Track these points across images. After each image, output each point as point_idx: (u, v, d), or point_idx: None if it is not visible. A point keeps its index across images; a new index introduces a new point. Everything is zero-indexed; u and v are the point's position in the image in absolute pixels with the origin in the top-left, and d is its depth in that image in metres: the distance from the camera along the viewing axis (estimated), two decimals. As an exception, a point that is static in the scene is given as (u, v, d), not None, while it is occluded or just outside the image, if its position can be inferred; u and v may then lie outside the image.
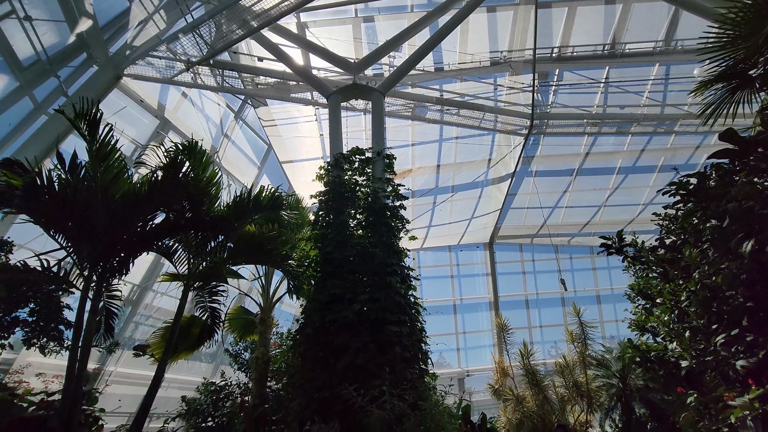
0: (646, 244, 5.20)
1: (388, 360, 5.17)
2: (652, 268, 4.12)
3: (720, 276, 3.25)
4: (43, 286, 3.63)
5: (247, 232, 7.13)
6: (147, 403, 5.94)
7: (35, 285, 3.53)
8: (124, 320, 10.90)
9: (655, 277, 4.27)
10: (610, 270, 19.75)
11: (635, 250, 4.20)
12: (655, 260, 3.91)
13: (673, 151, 15.58)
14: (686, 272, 3.63)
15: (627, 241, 4.23)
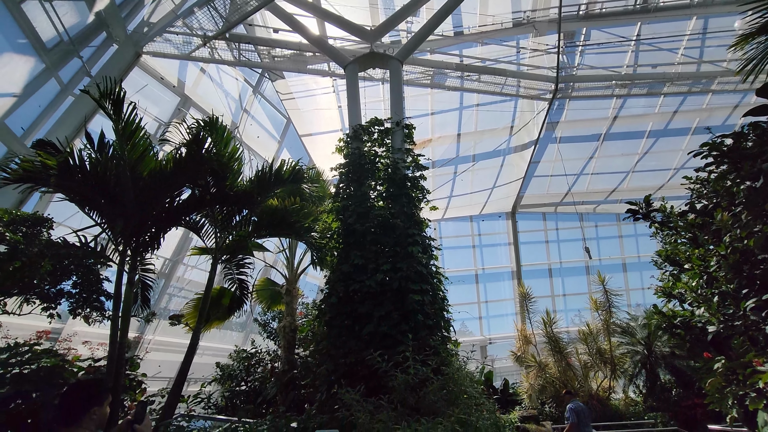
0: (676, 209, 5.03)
1: (411, 327, 5.30)
2: (680, 234, 3.99)
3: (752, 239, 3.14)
4: (83, 261, 3.84)
5: (269, 206, 7.27)
6: (185, 368, 6.32)
7: (76, 259, 3.75)
8: (158, 292, 11.45)
9: (683, 243, 4.14)
10: (638, 237, 19.28)
11: (663, 215, 4.07)
12: (685, 225, 3.78)
13: (709, 112, 14.74)
14: (717, 236, 3.51)
15: (655, 207, 4.10)
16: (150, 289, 7.94)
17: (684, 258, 3.99)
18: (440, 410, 4.16)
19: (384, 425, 3.76)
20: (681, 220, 3.87)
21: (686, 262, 3.95)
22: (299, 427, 5.01)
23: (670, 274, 4.25)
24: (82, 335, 8.46)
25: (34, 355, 5.57)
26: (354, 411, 4.05)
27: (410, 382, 4.34)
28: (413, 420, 3.92)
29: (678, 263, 4.15)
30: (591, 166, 16.92)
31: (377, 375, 5.05)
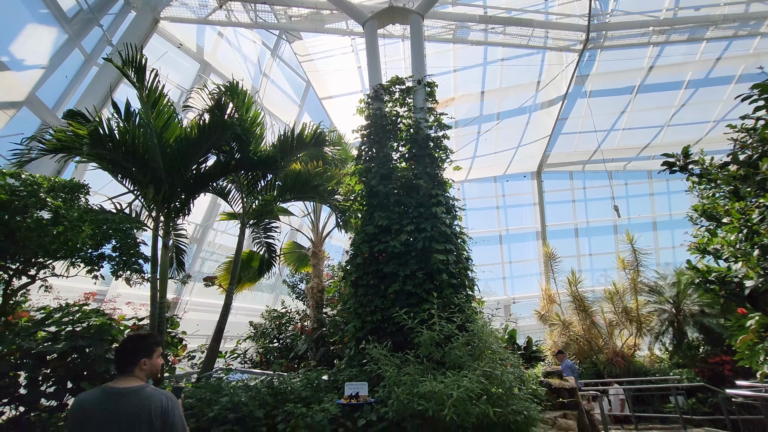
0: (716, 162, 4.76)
1: (435, 286, 5.39)
2: (720, 187, 3.80)
3: (799, 191, 2.96)
4: (120, 226, 4.03)
5: (293, 170, 7.35)
6: (221, 325, 6.69)
7: (113, 224, 3.94)
8: (191, 257, 11.97)
9: (722, 196, 3.95)
10: (670, 195, 18.56)
11: (702, 168, 3.87)
12: (725, 177, 3.59)
13: (757, 57, 13.58)
14: (761, 187, 3.32)
15: (693, 159, 3.89)
16: (184, 253, 8.30)
17: (723, 212, 3.81)
18: (465, 364, 4.28)
19: (411, 378, 3.92)
20: (721, 172, 3.67)
21: (725, 216, 3.78)
22: (330, 379, 5.29)
23: (706, 229, 4.09)
24: (126, 296, 9.02)
25: (84, 315, 6.00)
26: (382, 365, 4.23)
27: (436, 338, 4.46)
28: (439, 373, 4.07)
29: (715, 218, 3.98)
30: (622, 121, 16.10)
31: (403, 332, 5.21)
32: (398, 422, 3.84)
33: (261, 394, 4.50)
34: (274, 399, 4.42)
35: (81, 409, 2.13)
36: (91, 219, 3.74)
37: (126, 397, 2.20)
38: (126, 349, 2.33)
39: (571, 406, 8.17)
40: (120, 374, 2.29)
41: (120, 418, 2.14)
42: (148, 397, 2.24)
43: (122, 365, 2.30)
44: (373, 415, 4.04)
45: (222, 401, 4.22)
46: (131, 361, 2.30)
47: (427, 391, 3.61)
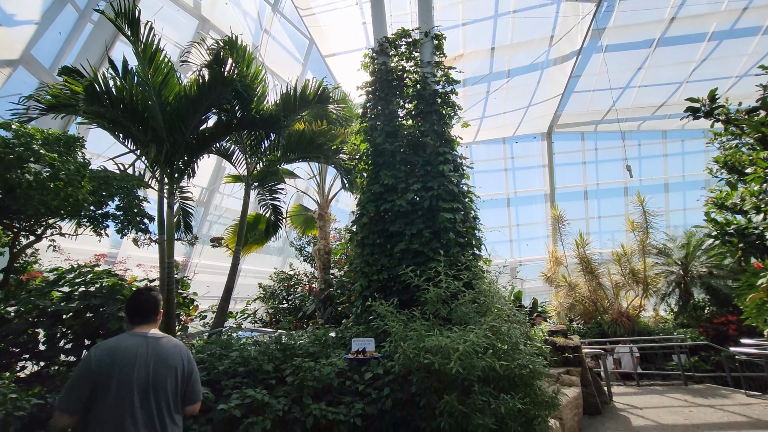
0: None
1: (442, 245, 5.34)
2: (745, 134, 3.59)
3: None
4: (123, 184, 3.98)
5: (296, 130, 7.18)
6: (230, 285, 6.77)
7: (115, 181, 3.89)
8: (199, 220, 12.04)
9: (748, 143, 3.75)
10: (684, 156, 18.07)
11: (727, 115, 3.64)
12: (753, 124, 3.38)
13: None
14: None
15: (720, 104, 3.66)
16: (191, 215, 8.32)
17: (747, 162, 3.63)
18: (472, 321, 4.29)
19: (417, 333, 3.94)
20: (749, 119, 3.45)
21: (749, 166, 3.60)
22: (337, 336, 5.38)
23: (726, 182, 3.92)
24: (136, 258, 9.15)
25: (96, 275, 6.11)
26: (388, 321, 4.25)
27: (442, 295, 4.45)
28: (445, 329, 4.08)
29: (737, 170, 3.80)
30: (639, 78, 15.41)
31: (409, 290, 5.22)
32: (404, 375, 3.90)
33: (270, 350, 4.58)
34: (283, 354, 4.50)
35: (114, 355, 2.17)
36: (92, 176, 3.68)
37: (162, 341, 2.34)
38: (149, 300, 2.41)
39: (575, 363, 8.32)
40: (144, 323, 2.38)
41: (157, 361, 2.25)
42: (178, 345, 2.42)
43: (147, 314, 2.38)
44: (379, 368, 4.11)
45: (232, 356, 4.31)
46: (155, 311, 2.41)
47: (433, 345, 3.63)
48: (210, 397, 3.71)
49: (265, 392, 3.73)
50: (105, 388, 2.07)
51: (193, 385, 2.40)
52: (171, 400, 2.25)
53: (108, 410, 2.07)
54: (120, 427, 2.06)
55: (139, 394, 2.13)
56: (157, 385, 2.20)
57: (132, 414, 2.10)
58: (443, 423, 3.45)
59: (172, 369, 2.27)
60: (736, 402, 8.33)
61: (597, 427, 7.01)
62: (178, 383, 2.29)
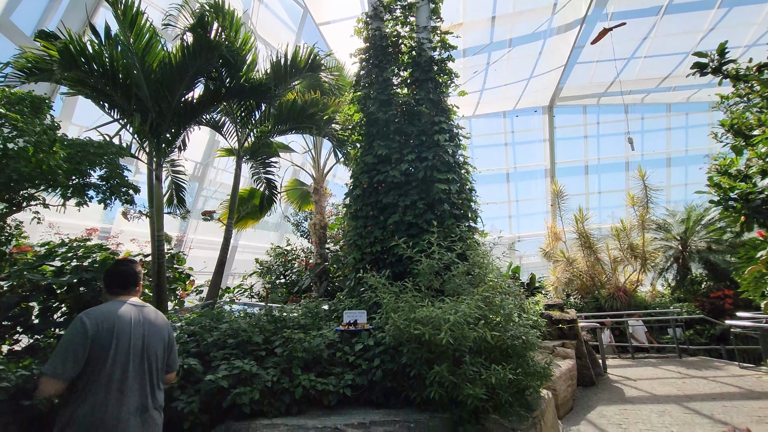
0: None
1: (437, 216, 5.21)
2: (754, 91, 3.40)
3: None
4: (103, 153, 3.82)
5: (288, 100, 6.95)
6: (222, 259, 6.70)
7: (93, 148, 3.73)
8: (193, 195, 11.91)
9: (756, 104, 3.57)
10: (688, 129, 17.74)
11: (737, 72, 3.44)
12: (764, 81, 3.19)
13: (802, -30, 12.18)
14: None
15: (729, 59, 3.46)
16: (183, 189, 8.18)
17: (756, 123, 3.46)
18: (465, 292, 4.22)
19: (408, 304, 3.87)
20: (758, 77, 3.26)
21: (757, 128, 3.43)
22: (330, 309, 5.33)
23: (731, 147, 3.75)
24: (129, 234, 9.07)
25: (87, 249, 6.03)
26: (379, 293, 4.17)
27: (435, 267, 4.37)
28: (437, 300, 4.01)
29: (744, 134, 3.63)
30: (644, 49, 14.94)
31: (402, 262, 5.14)
32: (395, 347, 3.85)
33: (261, 322, 4.54)
34: (274, 326, 4.46)
35: (114, 320, 2.17)
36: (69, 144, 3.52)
37: (149, 310, 2.38)
38: (129, 271, 2.41)
39: (571, 336, 8.35)
40: (123, 293, 2.36)
41: (149, 328, 2.29)
42: (161, 314, 2.46)
43: (126, 284, 2.38)
44: (370, 340, 4.06)
45: (222, 327, 4.26)
46: (134, 282, 2.41)
47: (424, 316, 3.56)
48: (198, 369, 3.66)
49: (254, 363, 3.68)
50: (102, 354, 2.06)
51: (174, 355, 2.46)
52: (159, 368, 2.30)
53: (105, 375, 2.05)
54: (118, 392, 2.07)
55: (135, 360, 2.16)
56: (150, 352, 2.24)
57: (129, 379, 2.11)
58: (433, 393, 3.41)
59: (161, 338, 2.33)
60: (729, 374, 8.41)
61: (590, 398, 7.07)
62: (165, 352, 2.35)
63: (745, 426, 5.11)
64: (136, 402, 2.12)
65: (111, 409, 2.03)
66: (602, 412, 6.25)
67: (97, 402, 2.01)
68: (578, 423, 5.81)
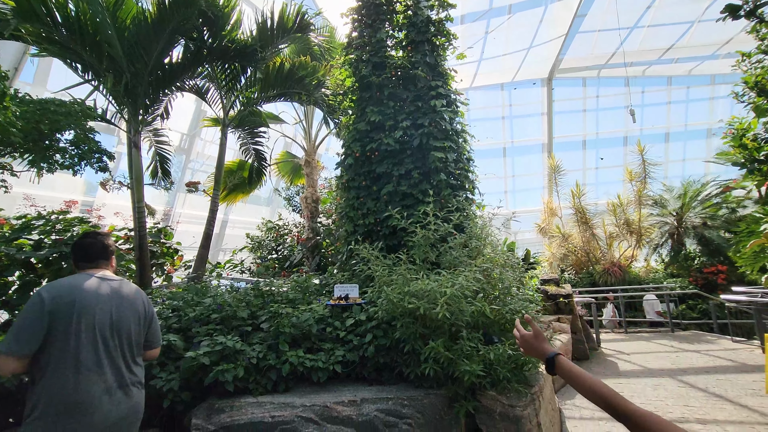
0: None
1: (433, 186, 4.95)
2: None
3: None
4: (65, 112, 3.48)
5: (276, 63, 6.53)
6: (209, 232, 6.44)
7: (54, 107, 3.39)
8: (181, 168, 11.51)
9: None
10: (688, 104, 17.38)
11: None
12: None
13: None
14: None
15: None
16: (168, 161, 7.81)
17: None
18: (462, 265, 4.00)
19: (403, 277, 3.65)
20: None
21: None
22: (321, 283, 5.11)
23: (753, 107, 3.48)
24: (113, 207, 8.74)
25: (67, 223, 5.72)
26: (372, 265, 3.95)
27: (431, 238, 4.13)
28: (433, 273, 3.79)
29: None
30: (648, 18, 14.41)
31: (397, 235, 4.90)
32: (388, 321, 3.65)
33: (247, 297, 4.32)
34: (261, 301, 4.25)
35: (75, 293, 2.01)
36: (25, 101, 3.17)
37: (121, 284, 2.22)
38: (96, 243, 2.26)
39: (566, 311, 8.28)
40: (91, 266, 2.21)
41: (120, 303, 2.14)
42: (137, 288, 2.30)
43: (93, 257, 2.23)
44: (362, 314, 3.86)
45: (205, 302, 4.04)
46: (102, 255, 2.26)
47: (419, 289, 3.35)
48: (179, 345, 3.45)
49: (238, 339, 3.47)
50: (64, 328, 1.94)
51: (153, 330, 2.33)
52: (134, 343, 2.18)
53: (72, 353, 1.93)
54: (88, 370, 1.95)
55: (102, 335, 2.03)
56: (121, 328, 2.12)
57: (99, 357, 2.00)
58: (428, 369, 3.23)
59: (134, 312, 2.20)
60: (721, 347, 8.42)
61: (585, 372, 7.04)
62: (141, 328, 2.23)
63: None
64: (109, 380, 2.01)
65: (82, 388, 1.91)
66: (597, 386, 6.20)
67: (66, 381, 1.90)
68: (573, 397, 5.75)
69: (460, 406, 3.23)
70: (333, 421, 3.10)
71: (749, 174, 3.45)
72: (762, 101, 3.35)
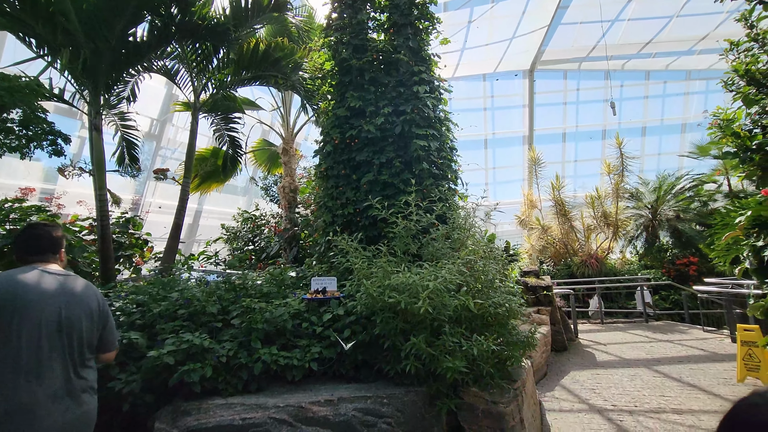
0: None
1: (414, 175, 4.77)
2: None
3: None
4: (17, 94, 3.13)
5: (250, 43, 6.19)
6: (178, 221, 6.12)
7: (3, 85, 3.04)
8: (152, 155, 10.97)
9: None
10: (665, 98, 17.70)
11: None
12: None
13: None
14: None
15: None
16: (136, 146, 7.39)
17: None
18: (445, 257, 3.86)
19: (383, 270, 3.48)
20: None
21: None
22: (298, 276, 4.90)
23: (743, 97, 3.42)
24: (76, 195, 8.23)
25: (23, 211, 5.31)
26: (350, 257, 3.76)
27: (412, 230, 3.97)
28: (415, 266, 3.63)
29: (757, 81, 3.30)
30: (630, 10, 14.47)
31: (377, 226, 4.72)
32: (367, 316, 3.48)
33: (219, 290, 4.07)
34: (233, 295, 4.01)
35: (16, 287, 1.82)
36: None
37: (70, 279, 2.02)
38: (42, 235, 2.07)
39: (546, 302, 8.31)
40: (37, 260, 2.01)
41: (69, 300, 1.93)
42: (89, 284, 2.09)
43: (38, 251, 2.03)
44: (340, 309, 3.67)
45: (172, 296, 3.77)
46: (50, 248, 2.07)
47: (400, 282, 3.19)
48: (141, 343, 3.19)
49: (206, 336, 3.24)
50: (4, 327, 1.76)
51: (108, 331, 2.12)
52: (85, 344, 1.97)
53: (12, 353, 1.75)
54: (29, 373, 1.76)
55: (48, 335, 1.84)
56: (71, 327, 1.91)
57: (43, 358, 1.80)
58: (409, 366, 3.08)
59: (86, 310, 1.99)
60: (693, 337, 8.63)
61: (564, 363, 7.07)
62: (93, 327, 2.02)
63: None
64: (55, 385, 1.80)
65: (23, 393, 1.71)
66: (575, 377, 6.23)
67: (6, 385, 1.69)
68: (552, 389, 5.75)
69: (442, 404, 3.10)
70: (308, 422, 2.93)
71: (741, 164, 3.41)
72: (750, 90, 3.31)
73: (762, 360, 5.40)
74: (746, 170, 3.38)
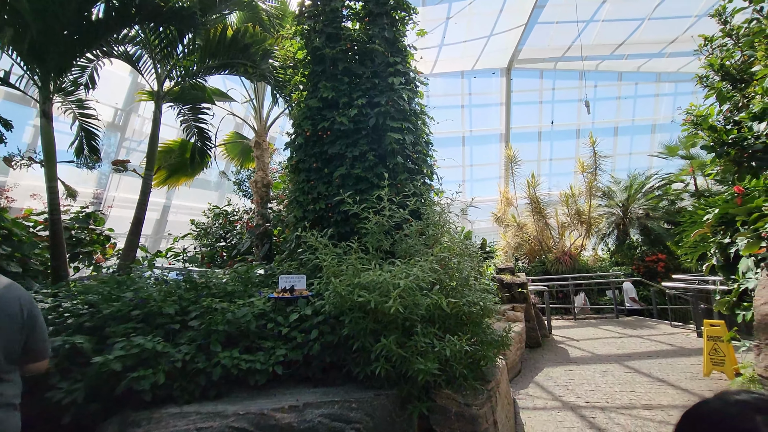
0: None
1: (389, 169, 4.61)
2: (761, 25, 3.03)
3: None
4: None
5: (218, 29, 5.87)
6: (139, 216, 5.79)
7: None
8: (115, 146, 10.42)
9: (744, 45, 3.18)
10: (636, 99, 18.16)
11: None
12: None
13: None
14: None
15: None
16: (96, 137, 6.95)
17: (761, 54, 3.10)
18: (418, 254, 3.72)
19: (353, 268, 3.31)
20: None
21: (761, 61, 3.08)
22: (266, 273, 4.68)
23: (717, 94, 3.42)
24: (29, 188, 7.71)
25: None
26: (320, 254, 3.57)
27: (385, 225, 3.81)
28: (387, 263, 3.47)
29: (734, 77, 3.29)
30: (604, 11, 14.71)
31: (350, 222, 4.55)
32: (336, 316, 3.31)
33: (178, 290, 3.81)
34: (194, 294, 3.76)
35: None
36: None
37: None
38: None
39: (521, 299, 8.31)
40: None
41: None
42: (12, 285, 1.85)
43: None
44: (307, 308, 3.48)
45: (126, 296, 3.49)
46: None
47: (370, 281, 3.03)
48: (87, 347, 2.92)
49: (160, 339, 3.00)
50: None
51: (36, 338, 1.87)
52: (8, 352, 1.76)
53: None
54: None
55: None
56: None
57: None
58: (379, 368, 2.93)
59: (7, 314, 1.77)
60: (662, 332, 8.83)
61: (537, 360, 7.08)
62: (16, 333, 1.78)
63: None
64: None
65: None
66: (549, 374, 6.23)
67: None
68: (527, 386, 5.72)
69: (414, 407, 2.97)
70: (271, 430, 2.73)
71: (717, 158, 3.41)
72: (724, 86, 3.31)
73: (726, 354, 5.51)
74: (722, 165, 3.38)
